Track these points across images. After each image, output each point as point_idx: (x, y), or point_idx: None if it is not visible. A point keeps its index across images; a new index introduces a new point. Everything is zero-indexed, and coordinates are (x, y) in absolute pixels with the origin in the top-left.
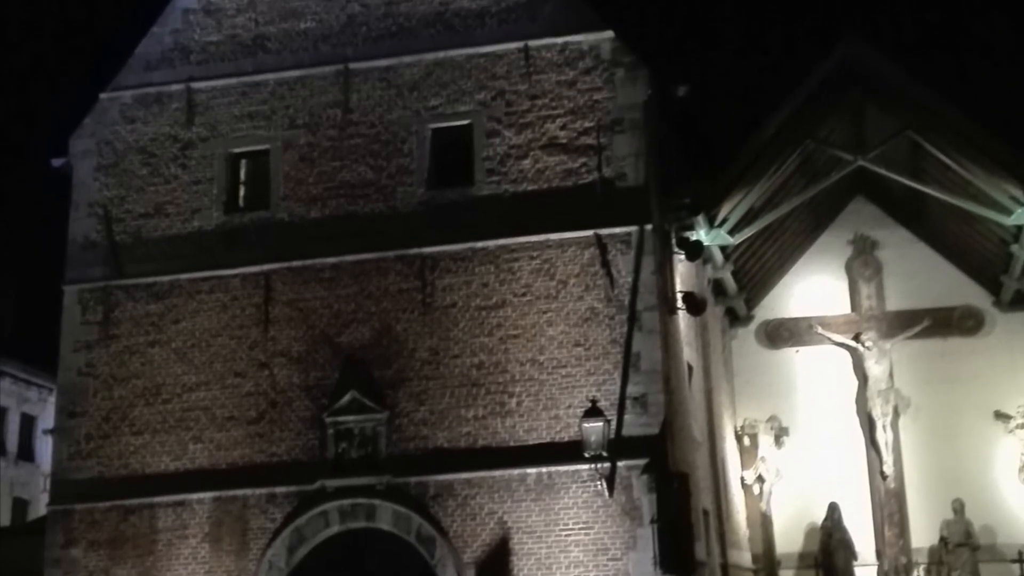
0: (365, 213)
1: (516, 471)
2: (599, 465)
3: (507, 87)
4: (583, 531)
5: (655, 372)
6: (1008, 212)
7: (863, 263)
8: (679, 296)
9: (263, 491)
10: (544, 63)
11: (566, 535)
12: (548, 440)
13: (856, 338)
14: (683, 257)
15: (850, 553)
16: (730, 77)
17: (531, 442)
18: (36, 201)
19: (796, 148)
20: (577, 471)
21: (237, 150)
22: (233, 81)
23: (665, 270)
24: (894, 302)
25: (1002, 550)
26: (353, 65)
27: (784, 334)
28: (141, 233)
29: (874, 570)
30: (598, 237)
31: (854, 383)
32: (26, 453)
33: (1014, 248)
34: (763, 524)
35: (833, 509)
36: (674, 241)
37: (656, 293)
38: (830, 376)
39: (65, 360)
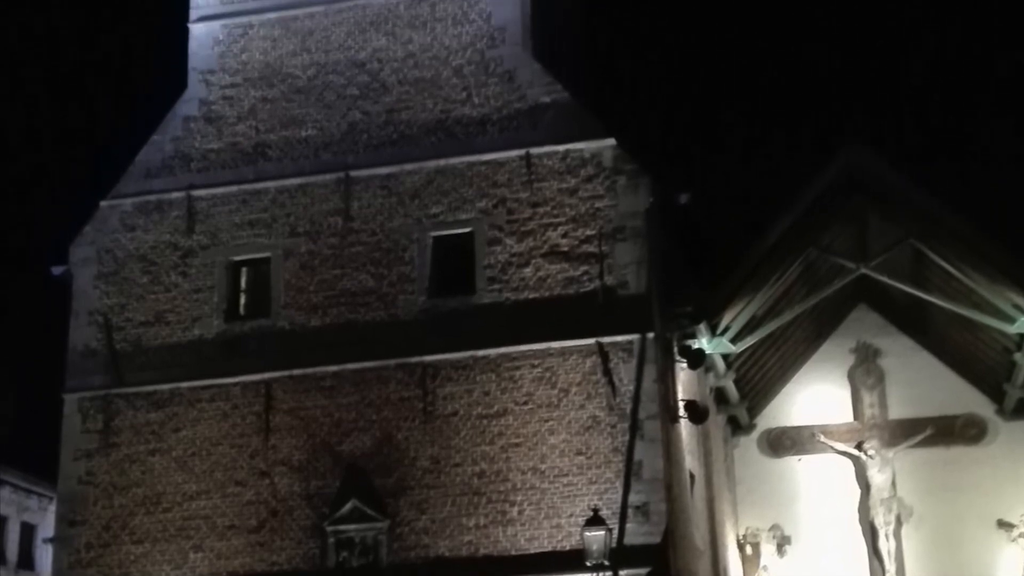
0: (366, 321)
1: None
2: (601, 574)
3: (508, 195)
4: None
5: (657, 481)
6: (1011, 320)
7: (865, 371)
8: (681, 404)
9: None
10: (546, 170)
11: None
12: (550, 549)
13: (859, 447)
14: (685, 365)
15: None
16: (732, 183)
17: (533, 551)
18: (36, 309)
19: (798, 256)
20: None
21: (238, 258)
22: (234, 189)
23: (667, 378)
24: (897, 410)
25: None
26: (354, 173)
27: (786, 443)
28: (141, 341)
29: None
30: (600, 345)
31: (856, 492)
32: (26, 562)
33: (1017, 356)
34: None
35: None
36: (676, 349)
37: (658, 401)
38: (832, 485)
39: (65, 468)
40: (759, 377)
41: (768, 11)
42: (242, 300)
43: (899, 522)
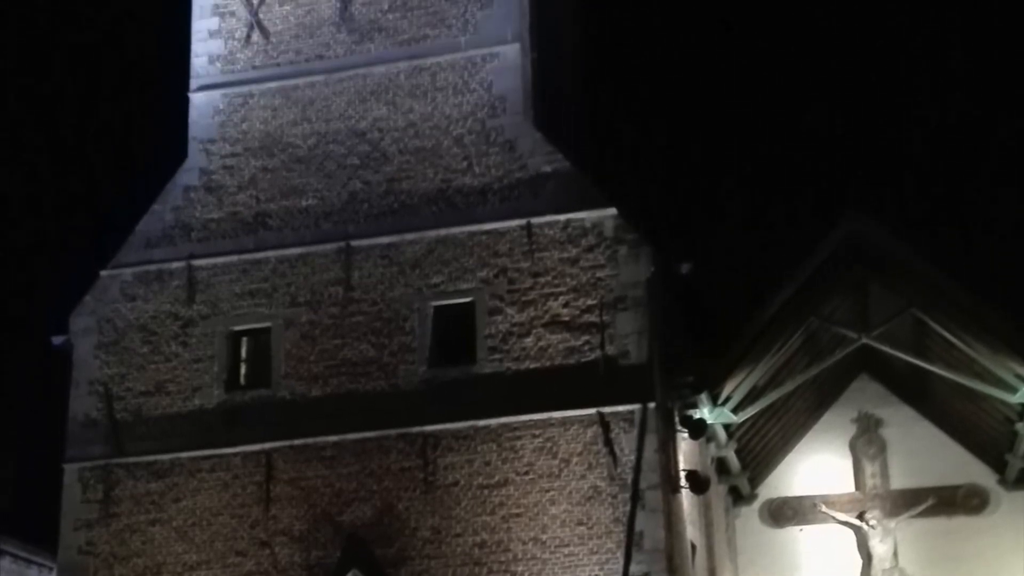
0: (367, 391)
1: None
2: None
3: (509, 264)
4: None
5: (658, 551)
6: (1013, 390)
7: (867, 441)
8: (682, 474)
9: None
10: (547, 240)
11: None
12: None
13: (860, 517)
14: (686, 435)
15: None
16: (733, 253)
17: None
18: (36, 378)
19: (800, 325)
20: None
21: (238, 328)
22: (234, 258)
23: (668, 448)
24: (898, 480)
25: None
26: (355, 242)
27: (788, 513)
28: (142, 411)
29: None
30: (601, 415)
31: (858, 562)
32: None
33: (1019, 426)
34: None
35: None
36: (677, 419)
37: (659, 472)
38: (834, 555)
39: (65, 539)
40: (760, 447)
41: (770, 80)
42: (242, 370)
43: None
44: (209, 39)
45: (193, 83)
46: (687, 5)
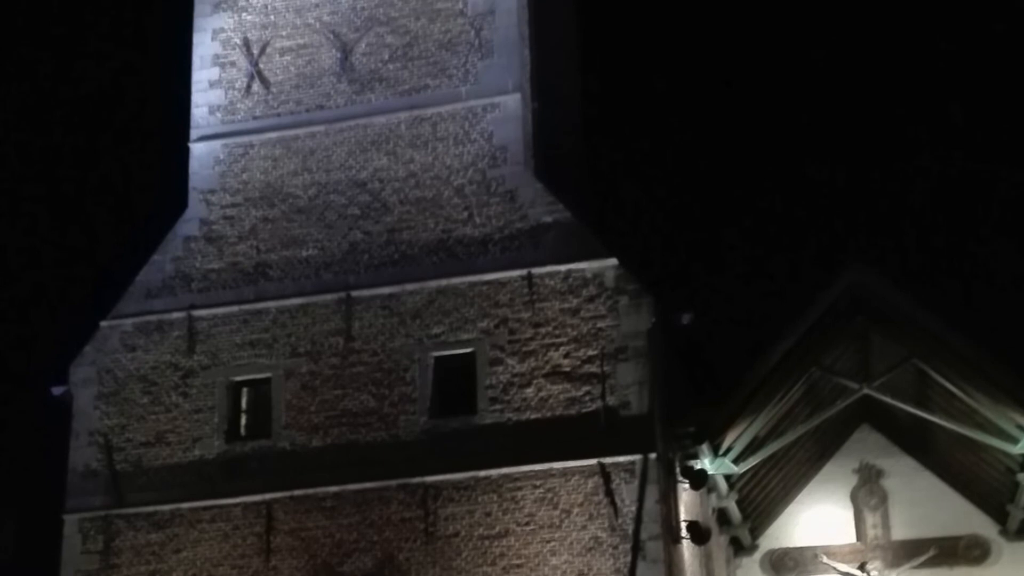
0: (367, 442)
1: None
2: None
3: (510, 315)
4: None
5: None
6: (1014, 441)
7: (868, 492)
8: (683, 525)
9: None
10: (547, 291)
11: None
12: None
13: (862, 567)
14: (687, 486)
15: None
16: (734, 303)
17: None
18: (36, 429)
19: (801, 376)
20: None
21: (238, 378)
22: (235, 309)
23: (669, 499)
24: (900, 531)
25: None
26: (355, 293)
27: (789, 564)
28: (142, 462)
29: None
30: (602, 466)
31: None
32: None
33: (1020, 477)
34: None
35: None
36: (678, 470)
37: (660, 522)
38: None
39: None
40: (761, 497)
41: (770, 131)
42: (243, 420)
43: None
44: (209, 89)
45: (193, 133)
46: (688, 56)
